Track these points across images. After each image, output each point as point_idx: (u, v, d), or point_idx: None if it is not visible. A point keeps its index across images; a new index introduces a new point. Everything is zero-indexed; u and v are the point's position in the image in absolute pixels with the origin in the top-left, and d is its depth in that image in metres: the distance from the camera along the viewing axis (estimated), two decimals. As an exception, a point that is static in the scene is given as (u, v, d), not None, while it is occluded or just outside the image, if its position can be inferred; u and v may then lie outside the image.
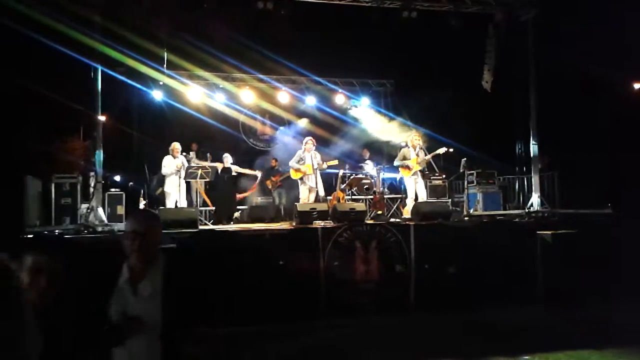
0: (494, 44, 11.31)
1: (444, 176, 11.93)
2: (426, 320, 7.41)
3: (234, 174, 11.73)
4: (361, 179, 12.14)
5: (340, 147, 13.53)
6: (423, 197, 10.76)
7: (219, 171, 11.21)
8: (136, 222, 2.62)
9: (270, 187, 12.38)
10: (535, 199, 10.84)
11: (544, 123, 11.06)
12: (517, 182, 12.25)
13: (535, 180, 11.02)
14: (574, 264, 8.10)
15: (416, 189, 10.70)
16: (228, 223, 10.77)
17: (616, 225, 8.78)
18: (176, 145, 10.56)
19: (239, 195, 12.15)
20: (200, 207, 10.70)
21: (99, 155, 9.83)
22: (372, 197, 11.51)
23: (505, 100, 11.86)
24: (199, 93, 13.23)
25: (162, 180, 11.04)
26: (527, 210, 10.60)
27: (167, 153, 10.48)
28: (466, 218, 10.26)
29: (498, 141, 12.28)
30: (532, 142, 10.94)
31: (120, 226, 9.09)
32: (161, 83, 13.13)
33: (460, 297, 7.69)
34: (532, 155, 11.01)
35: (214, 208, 11.51)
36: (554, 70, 11.42)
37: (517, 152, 12.40)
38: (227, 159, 11.76)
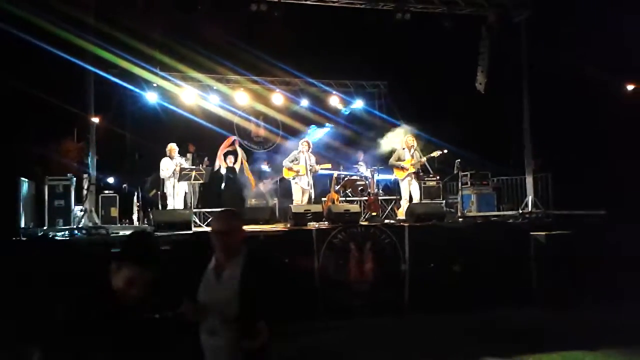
0: (487, 45, 11.37)
1: (438, 177, 11.92)
2: (421, 321, 7.42)
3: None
4: (355, 180, 12.15)
5: (335, 149, 13.56)
6: (417, 198, 10.79)
7: (225, 171, 11.14)
8: (219, 223, 3.06)
9: (262, 189, 12.37)
10: (529, 200, 10.88)
11: (538, 124, 11.11)
12: (511, 183, 12.28)
13: (528, 181, 11.06)
14: (568, 265, 8.14)
15: (410, 190, 10.73)
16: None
17: (610, 227, 8.83)
18: (173, 146, 10.53)
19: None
20: (195, 208, 10.67)
21: (92, 157, 9.79)
22: (366, 198, 11.51)
23: (499, 101, 11.90)
24: (193, 95, 13.19)
25: (156, 182, 11.01)
26: (521, 212, 10.64)
27: (162, 155, 10.45)
28: (460, 219, 10.28)
29: (492, 142, 12.31)
30: (525, 143, 10.99)
31: (114, 228, 9.05)
32: (155, 85, 13.08)
33: (455, 298, 7.71)
34: (525, 156, 11.06)
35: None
36: (548, 72, 11.47)
37: (511, 154, 12.42)
38: (231, 158, 11.72)
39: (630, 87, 20.40)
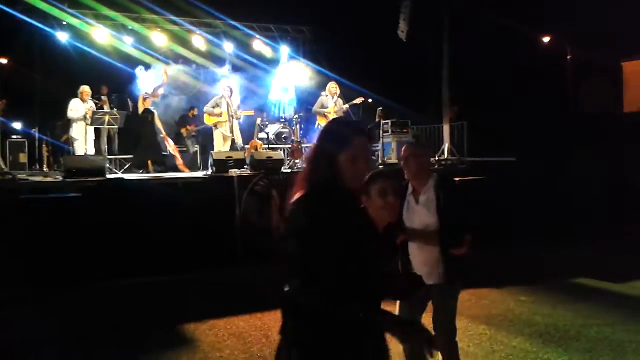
0: (410, -8, 11.35)
1: (360, 125, 12.07)
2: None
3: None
4: (278, 127, 12.04)
5: (259, 96, 13.31)
6: (340, 145, 10.88)
7: (139, 112, 10.57)
8: (413, 149, 3.44)
9: (184, 135, 12.02)
10: (445, 148, 11.25)
11: (456, 74, 11.36)
12: (429, 131, 12.62)
13: (445, 129, 11.40)
14: (480, 208, 8.55)
15: (333, 137, 10.80)
16: (142, 171, 10.40)
17: (518, 169, 9.34)
18: (85, 89, 9.98)
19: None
20: (110, 155, 10.26)
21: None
22: (290, 146, 11.48)
23: (420, 50, 12.04)
24: (106, 34, 12.40)
25: (67, 126, 10.42)
26: (437, 158, 11.00)
27: (75, 97, 9.88)
28: (381, 166, 10.49)
29: (412, 91, 12.53)
30: (443, 92, 11.24)
31: (23, 174, 8.55)
32: (65, 23, 12.18)
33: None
34: (443, 105, 11.34)
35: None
36: (468, 22, 11.69)
37: (430, 102, 12.72)
38: (149, 98, 11.03)
39: (546, 39, 21.29)
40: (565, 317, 5.40)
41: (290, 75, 13.63)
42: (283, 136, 12.07)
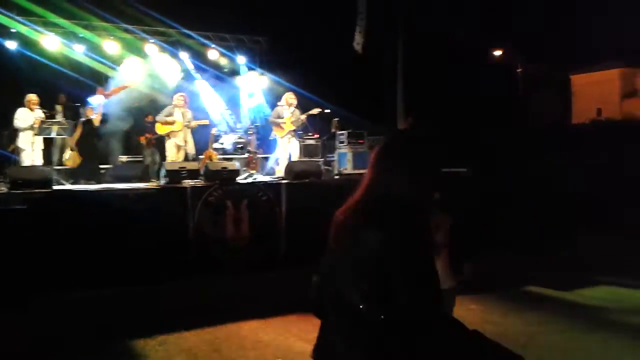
0: (365, 4, 11.49)
1: (317, 136, 12.10)
2: (296, 275, 7.52)
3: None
4: (235, 138, 11.94)
5: (215, 106, 13.19)
6: (296, 156, 10.88)
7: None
8: None
9: (144, 143, 11.73)
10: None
11: (411, 85, 11.54)
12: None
13: (401, 140, 11.51)
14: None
15: (289, 148, 10.79)
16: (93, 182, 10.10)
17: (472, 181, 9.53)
18: (32, 97, 9.65)
19: None
20: (58, 165, 9.93)
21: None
22: (246, 156, 11.40)
23: (376, 62, 12.19)
24: (56, 42, 12.06)
25: (14, 136, 10.04)
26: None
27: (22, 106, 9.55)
28: (337, 177, 10.52)
29: (368, 102, 12.67)
30: (398, 103, 11.39)
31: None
32: (13, 31, 11.80)
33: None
34: (398, 116, 11.48)
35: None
36: (423, 36, 11.92)
37: (385, 113, 12.85)
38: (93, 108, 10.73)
39: (497, 53, 21.93)
40: (515, 325, 5.50)
41: (254, 83, 13.60)
42: (239, 147, 11.97)
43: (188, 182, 8.30)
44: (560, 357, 4.67)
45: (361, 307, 1.77)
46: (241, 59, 14.10)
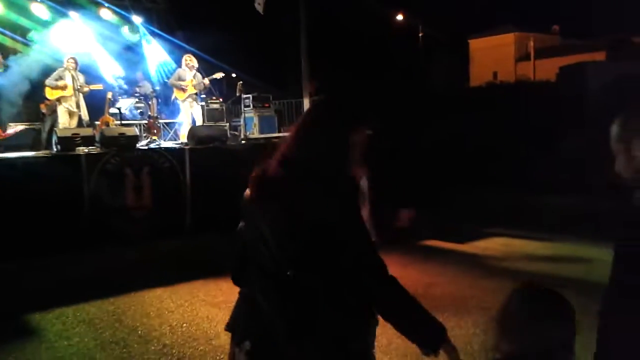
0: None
1: (221, 100, 11.82)
2: (202, 241, 7.41)
3: None
4: (134, 102, 11.38)
5: (112, 69, 12.42)
6: (200, 121, 10.59)
7: None
8: None
9: (44, 111, 10.82)
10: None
11: (314, 46, 11.49)
12: (290, 106, 12.71)
13: (305, 103, 11.54)
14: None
15: (192, 112, 10.48)
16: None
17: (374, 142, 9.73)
18: None
19: None
20: None
21: None
22: (146, 121, 10.92)
23: (278, 23, 12.02)
24: None
25: None
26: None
27: None
28: (243, 141, 10.38)
29: (273, 65, 12.51)
30: (303, 66, 11.34)
31: None
32: None
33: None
34: (303, 79, 11.45)
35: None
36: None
37: (289, 76, 12.78)
38: None
39: (399, 17, 22.37)
40: (413, 276, 5.75)
41: (150, 49, 12.92)
42: (139, 111, 11.44)
43: (82, 150, 7.84)
44: (454, 305, 4.94)
45: (288, 273, 1.71)
46: (137, 19, 13.33)
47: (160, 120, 11.18)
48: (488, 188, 9.91)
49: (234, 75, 10.57)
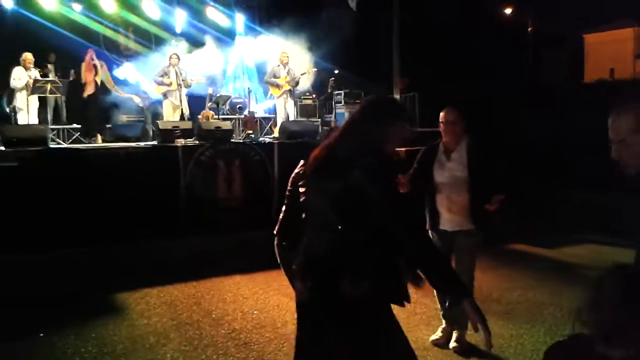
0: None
1: (314, 96, 12.05)
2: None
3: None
4: (231, 97, 11.90)
5: (211, 65, 13.07)
6: (293, 116, 10.87)
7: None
8: (448, 115, 3.91)
9: (140, 104, 11.77)
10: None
11: (407, 44, 11.36)
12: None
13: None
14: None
15: (286, 108, 10.78)
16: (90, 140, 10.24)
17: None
18: (28, 56, 9.69)
19: None
20: (57, 125, 10.05)
21: None
22: (243, 116, 11.40)
23: (372, 19, 11.99)
24: (54, 1, 11.98)
25: (11, 95, 10.14)
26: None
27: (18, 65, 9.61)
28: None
29: (365, 61, 12.51)
30: (394, 62, 11.25)
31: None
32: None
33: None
34: (394, 75, 11.35)
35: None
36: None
37: (381, 72, 12.71)
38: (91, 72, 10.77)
39: (508, 11, 21.37)
40: (491, 281, 5.59)
41: (249, 47, 13.44)
42: (238, 106, 11.97)
43: (180, 142, 8.37)
44: (528, 311, 4.75)
45: (339, 227, 2.13)
46: (240, 17, 13.92)
47: (257, 116, 11.63)
48: (586, 190, 9.29)
49: (332, 71, 10.69)
